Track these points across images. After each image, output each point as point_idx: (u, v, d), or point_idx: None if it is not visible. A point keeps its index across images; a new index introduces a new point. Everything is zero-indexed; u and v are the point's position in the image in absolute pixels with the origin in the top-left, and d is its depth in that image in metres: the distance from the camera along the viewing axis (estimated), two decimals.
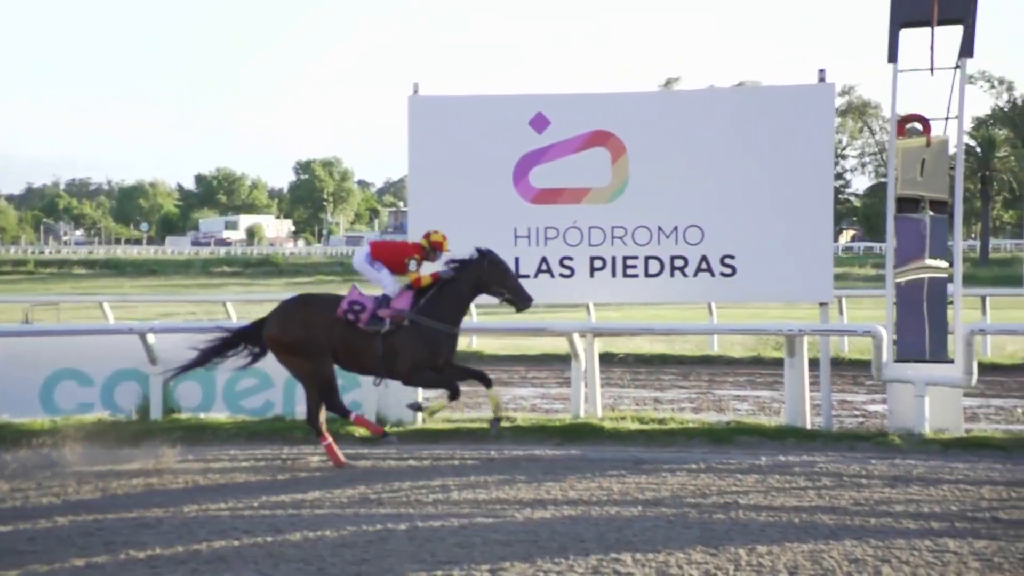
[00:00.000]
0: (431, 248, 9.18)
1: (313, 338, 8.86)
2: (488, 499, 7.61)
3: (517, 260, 10.62)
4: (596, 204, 10.60)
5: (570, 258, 10.66)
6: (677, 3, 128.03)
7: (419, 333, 8.81)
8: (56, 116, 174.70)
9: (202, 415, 10.68)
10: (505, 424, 10.31)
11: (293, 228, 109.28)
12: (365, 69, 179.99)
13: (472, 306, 17.16)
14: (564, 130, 10.58)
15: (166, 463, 8.73)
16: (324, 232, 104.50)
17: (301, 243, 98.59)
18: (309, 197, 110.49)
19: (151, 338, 10.75)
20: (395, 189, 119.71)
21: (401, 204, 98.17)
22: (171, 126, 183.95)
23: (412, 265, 9.07)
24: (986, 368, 12.23)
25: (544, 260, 10.70)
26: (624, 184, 10.56)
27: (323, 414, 8.94)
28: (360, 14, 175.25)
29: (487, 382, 9.06)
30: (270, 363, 9.38)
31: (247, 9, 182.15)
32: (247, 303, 23.66)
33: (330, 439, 8.91)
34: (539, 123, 10.61)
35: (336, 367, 8.98)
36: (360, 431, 9.41)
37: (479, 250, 9.04)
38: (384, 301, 8.92)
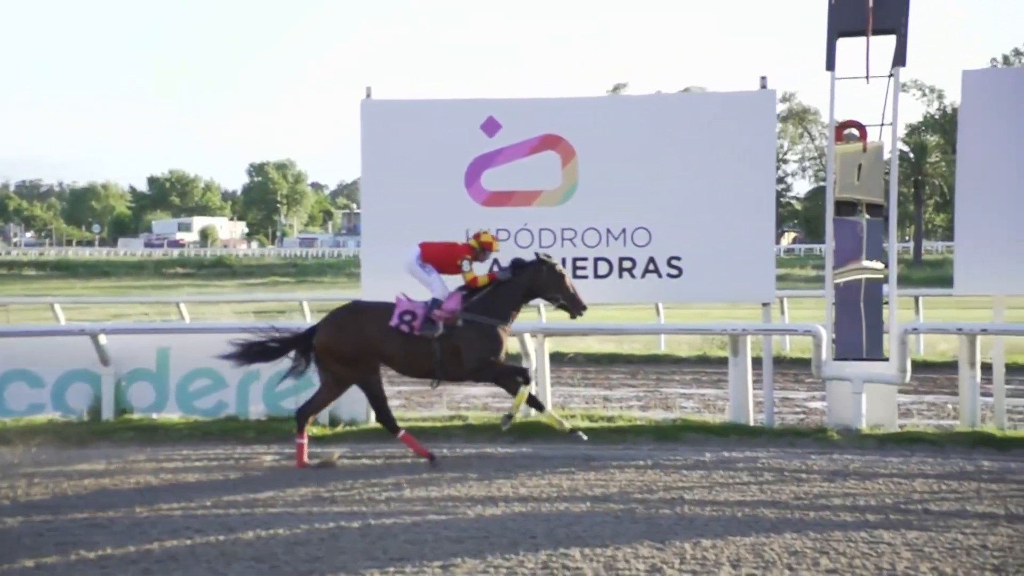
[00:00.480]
0: (481, 248, 9.13)
1: (364, 348, 8.82)
2: (440, 496, 7.60)
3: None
4: (547, 206, 10.63)
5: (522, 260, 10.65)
6: (622, 12, 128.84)
7: (476, 330, 8.79)
8: (6, 117, 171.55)
9: (155, 416, 10.54)
10: (457, 423, 10.34)
11: (247, 230, 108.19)
12: (319, 71, 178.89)
13: None
14: (515, 134, 10.60)
15: (118, 464, 8.61)
16: (278, 234, 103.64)
17: (255, 245, 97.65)
18: (263, 199, 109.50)
19: (103, 339, 10.59)
20: (349, 191, 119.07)
21: (355, 206, 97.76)
22: (124, 128, 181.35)
23: (466, 265, 9.03)
24: (919, 366, 12.42)
25: (495, 262, 10.67)
26: (574, 187, 10.60)
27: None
28: (313, 16, 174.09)
29: (527, 380, 9.01)
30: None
31: (202, 10, 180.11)
32: (201, 304, 23.42)
33: (404, 431, 8.97)
34: (490, 127, 10.62)
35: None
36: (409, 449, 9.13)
37: (538, 255, 9.04)
38: (435, 304, 8.87)
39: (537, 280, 8.92)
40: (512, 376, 8.92)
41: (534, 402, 9.10)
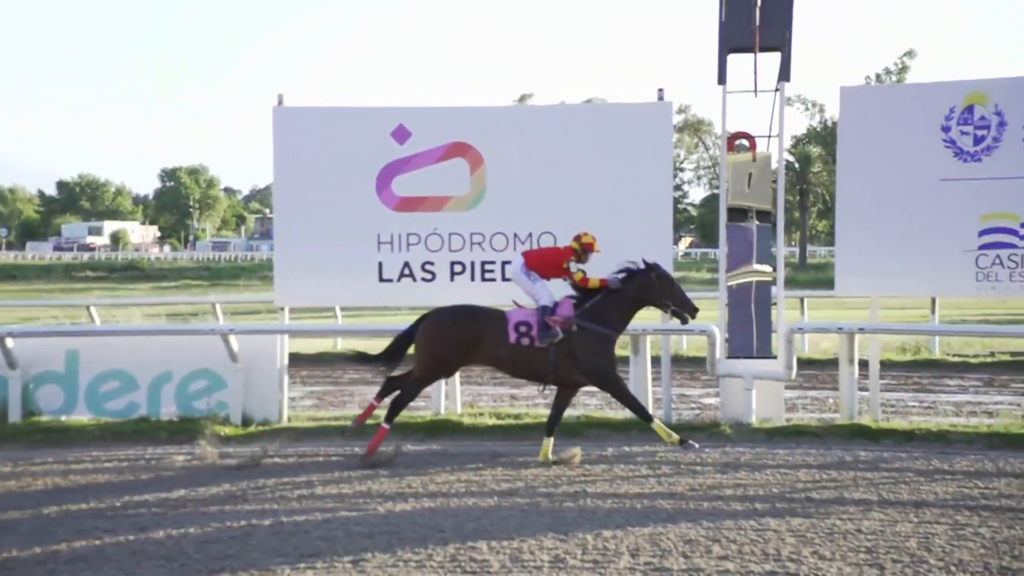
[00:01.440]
0: (582, 249, 8.98)
1: (461, 354, 8.69)
2: (351, 493, 7.53)
3: (381, 265, 10.62)
4: (456, 212, 10.62)
5: (431, 263, 10.65)
6: (530, 26, 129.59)
7: (592, 337, 8.63)
8: None
9: (63, 417, 10.21)
10: (369, 422, 10.23)
11: (159, 234, 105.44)
12: (232, 77, 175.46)
13: (337, 308, 17.11)
14: (425, 141, 10.57)
15: (24, 467, 8.31)
16: (190, 238, 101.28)
17: (167, 249, 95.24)
18: (175, 204, 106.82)
19: (10, 342, 10.23)
20: (262, 196, 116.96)
21: (268, 211, 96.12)
22: (32, 132, 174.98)
23: (572, 267, 8.90)
24: (804, 363, 12.72)
25: (407, 265, 10.67)
26: (482, 193, 10.62)
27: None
28: (224, 22, 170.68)
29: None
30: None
31: (112, 12, 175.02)
32: (112, 307, 22.74)
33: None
34: (401, 134, 10.57)
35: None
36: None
37: (647, 263, 8.87)
38: (545, 312, 8.67)
39: (646, 288, 8.75)
40: (629, 401, 8.75)
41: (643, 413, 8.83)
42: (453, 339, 8.61)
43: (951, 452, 8.72)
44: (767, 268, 10.76)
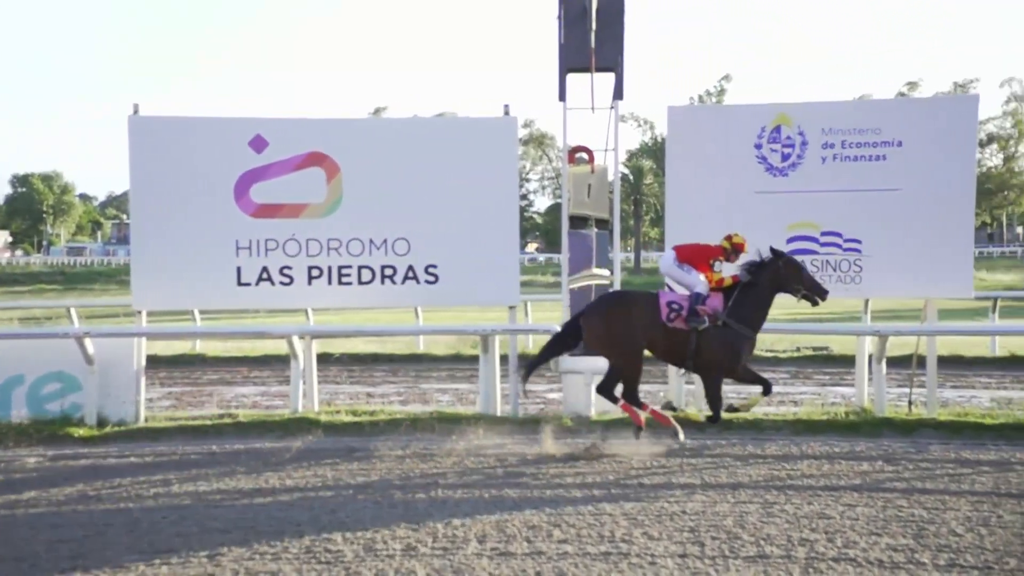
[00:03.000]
0: (732, 249, 8.78)
1: (633, 334, 8.43)
2: (208, 490, 7.33)
3: (239, 270, 10.38)
4: (313, 218, 10.48)
5: (289, 267, 10.47)
6: (383, 39, 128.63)
7: (727, 336, 8.45)
8: None
9: None
10: (227, 420, 9.98)
11: (11, 239, 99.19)
12: (86, 84, 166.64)
13: (196, 311, 16.54)
14: (282, 151, 10.40)
15: None
16: (44, 243, 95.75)
17: (19, 253, 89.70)
18: (28, 209, 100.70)
19: None
20: (118, 202, 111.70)
21: (124, 216, 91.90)
22: None
23: (716, 266, 8.64)
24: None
25: (265, 269, 10.46)
26: (338, 200, 10.51)
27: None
28: (77, 30, 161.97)
29: (767, 390, 8.69)
30: None
31: None
32: None
33: (635, 411, 8.58)
34: (258, 144, 10.36)
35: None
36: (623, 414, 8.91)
37: (773, 251, 8.69)
38: (698, 299, 8.46)
39: (778, 276, 8.62)
40: (752, 381, 8.67)
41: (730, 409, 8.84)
42: (622, 321, 8.52)
43: (763, 438, 9.15)
44: (605, 272, 11.03)
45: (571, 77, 10.58)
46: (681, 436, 8.58)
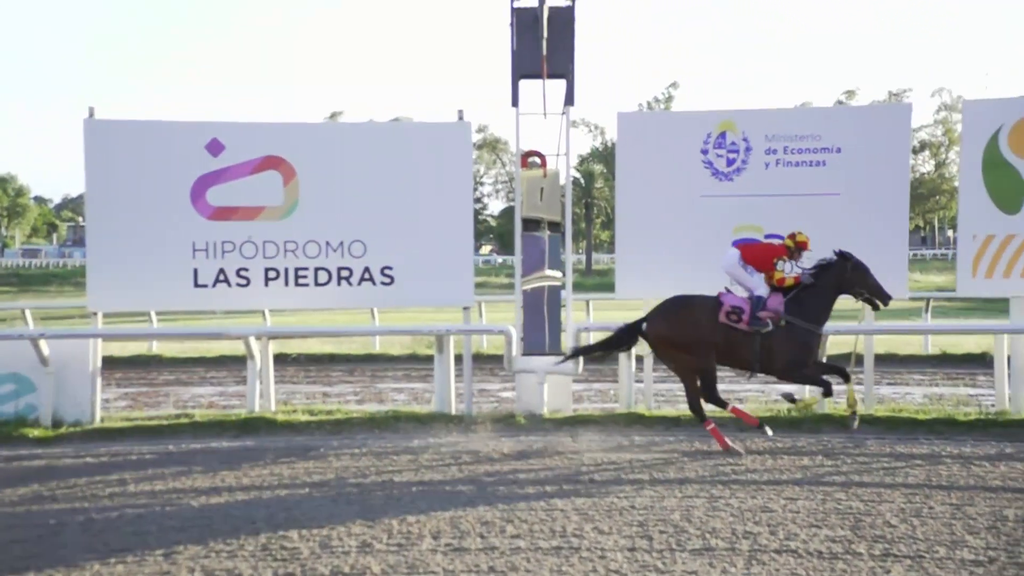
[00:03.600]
0: (796, 248, 8.63)
1: (700, 337, 8.33)
2: (164, 489, 7.22)
3: (196, 271, 10.26)
4: (270, 221, 10.38)
5: (246, 269, 10.37)
6: (337, 45, 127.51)
7: (795, 334, 8.31)
8: None
9: None
10: (184, 420, 9.84)
11: None
12: (41, 87, 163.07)
13: (152, 313, 16.28)
14: (238, 154, 10.29)
15: None
16: None
17: None
18: None
19: None
20: (74, 205, 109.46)
21: (80, 219, 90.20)
22: None
23: (780, 265, 8.49)
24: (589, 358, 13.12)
25: (222, 271, 10.34)
26: (295, 204, 10.42)
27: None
28: (30, 32, 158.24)
29: (846, 378, 8.48)
30: None
31: None
32: None
33: (713, 423, 8.44)
34: (214, 147, 10.25)
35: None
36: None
37: (839, 253, 8.54)
38: (759, 303, 8.32)
39: (843, 278, 8.49)
40: (821, 377, 8.52)
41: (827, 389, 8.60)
42: (687, 324, 8.48)
43: (709, 435, 9.21)
44: (558, 273, 11.06)
45: (523, 84, 10.61)
46: (768, 432, 8.65)
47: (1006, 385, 10.42)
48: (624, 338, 8.99)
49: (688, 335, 8.53)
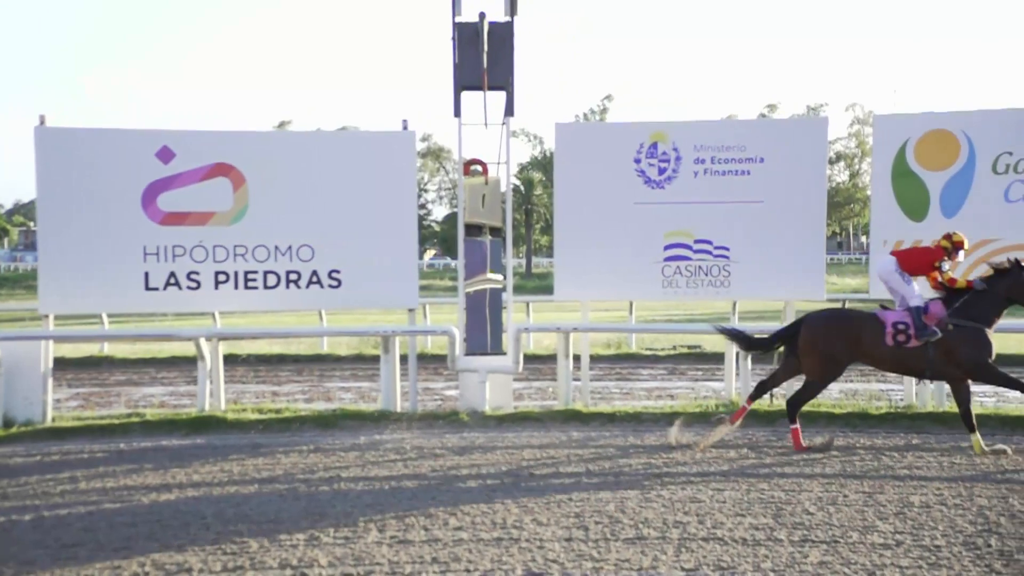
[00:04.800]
0: (953, 248, 8.30)
1: (841, 353, 8.09)
2: (116, 487, 7.05)
3: (147, 275, 10.12)
4: (220, 226, 10.24)
5: (197, 272, 10.22)
6: (286, 57, 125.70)
7: (969, 333, 8.00)
8: None
9: None
10: (135, 419, 9.62)
11: None
12: None
13: (104, 314, 15.89)
14: (189, 161, 10.15)
15: None
16: None
17: None
18: None
19: None
20: (26, 210, 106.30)
21: (32, 224, 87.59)
22: None
23: (945, 266, 8.20)
24: (529, 358, 13.17)
25: (173, 274, 10.18)
26: (244, 209, 10.29)
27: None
28: None
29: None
30: None
31: None
32: None
33: (798, 426, 8.34)
34: (165, 155, 10.09)
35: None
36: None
37: (1014, 261, 8.18)
38: (920, 312, 8.02)
39: (1015, 285, 8.12)
40: (1008, 382, 8.18)
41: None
42: (840, 339, 8.21)
43: (643, 430, 9.33)
44: (499, 277, 11.09)
45: (465, 95, 10.61)
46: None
47: (913, 381, 10.73)
48: (786, 336, 8.66)
49: (834, 346, 8.24)
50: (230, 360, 13.28)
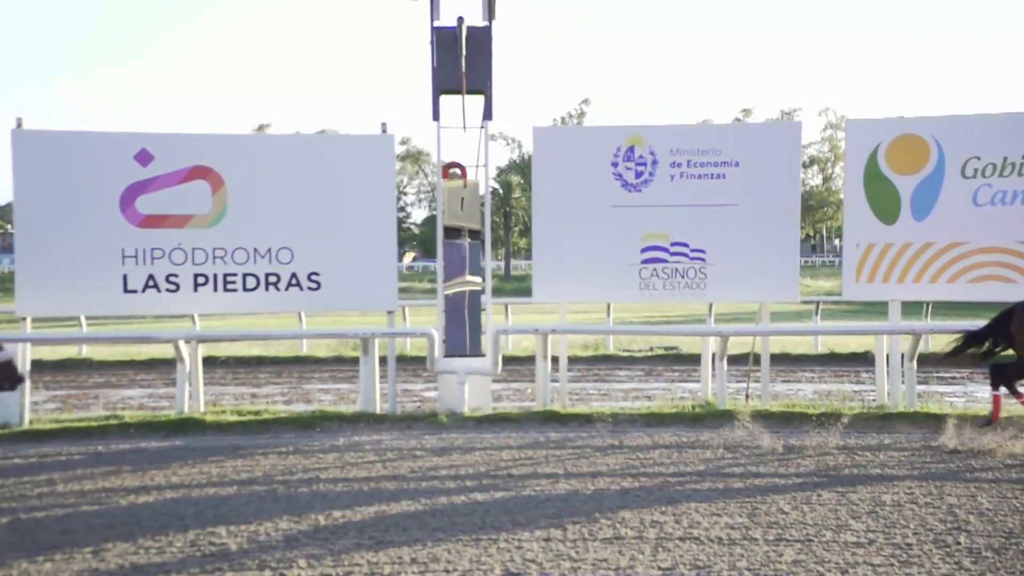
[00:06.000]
0: None
1: None
2: (93, 489, 6.98)
3: (126, 277, 10.02)
4: (198, 229, 10.17)
5: (176, 275, 10.14)
6: (266, 59, 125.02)
7: None
8: None
9: None
10: (113, 421, 9.53)
11: None
12: None
13: (82, 316, 15.73)
14: (167, 164, 10.07)
15: None
16: None
17: None
18: None
19: None
20: (3, 212, 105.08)
21: (9, 226, 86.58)
22: None
23: None
24: (508, 360, 13.22)
25: (151, 277, 10.09)
26: (223, 212, 10.22)
27: None
28: None
29: None
30: None
31: None
32: None
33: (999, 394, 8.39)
34: (143, 158, 10.00)
35: None
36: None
37: None
38: None
39: None
40: None
41: None
42: None
43: (620, 430, 9.34)
44: (478, 279, 11.08)
45: (444, 99, 10.60)
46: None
47: (885, 381, 10.84)
48: (998, 326, 8.66)
49: None
50: (209, 362, 13.18)
